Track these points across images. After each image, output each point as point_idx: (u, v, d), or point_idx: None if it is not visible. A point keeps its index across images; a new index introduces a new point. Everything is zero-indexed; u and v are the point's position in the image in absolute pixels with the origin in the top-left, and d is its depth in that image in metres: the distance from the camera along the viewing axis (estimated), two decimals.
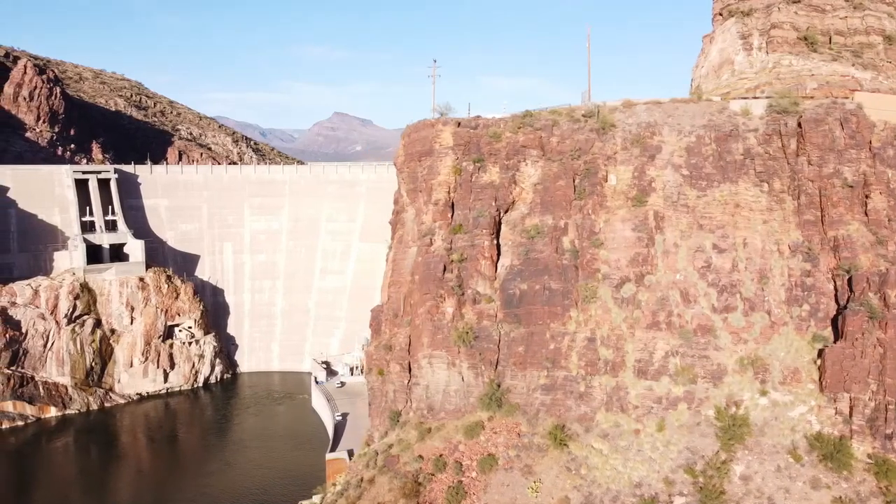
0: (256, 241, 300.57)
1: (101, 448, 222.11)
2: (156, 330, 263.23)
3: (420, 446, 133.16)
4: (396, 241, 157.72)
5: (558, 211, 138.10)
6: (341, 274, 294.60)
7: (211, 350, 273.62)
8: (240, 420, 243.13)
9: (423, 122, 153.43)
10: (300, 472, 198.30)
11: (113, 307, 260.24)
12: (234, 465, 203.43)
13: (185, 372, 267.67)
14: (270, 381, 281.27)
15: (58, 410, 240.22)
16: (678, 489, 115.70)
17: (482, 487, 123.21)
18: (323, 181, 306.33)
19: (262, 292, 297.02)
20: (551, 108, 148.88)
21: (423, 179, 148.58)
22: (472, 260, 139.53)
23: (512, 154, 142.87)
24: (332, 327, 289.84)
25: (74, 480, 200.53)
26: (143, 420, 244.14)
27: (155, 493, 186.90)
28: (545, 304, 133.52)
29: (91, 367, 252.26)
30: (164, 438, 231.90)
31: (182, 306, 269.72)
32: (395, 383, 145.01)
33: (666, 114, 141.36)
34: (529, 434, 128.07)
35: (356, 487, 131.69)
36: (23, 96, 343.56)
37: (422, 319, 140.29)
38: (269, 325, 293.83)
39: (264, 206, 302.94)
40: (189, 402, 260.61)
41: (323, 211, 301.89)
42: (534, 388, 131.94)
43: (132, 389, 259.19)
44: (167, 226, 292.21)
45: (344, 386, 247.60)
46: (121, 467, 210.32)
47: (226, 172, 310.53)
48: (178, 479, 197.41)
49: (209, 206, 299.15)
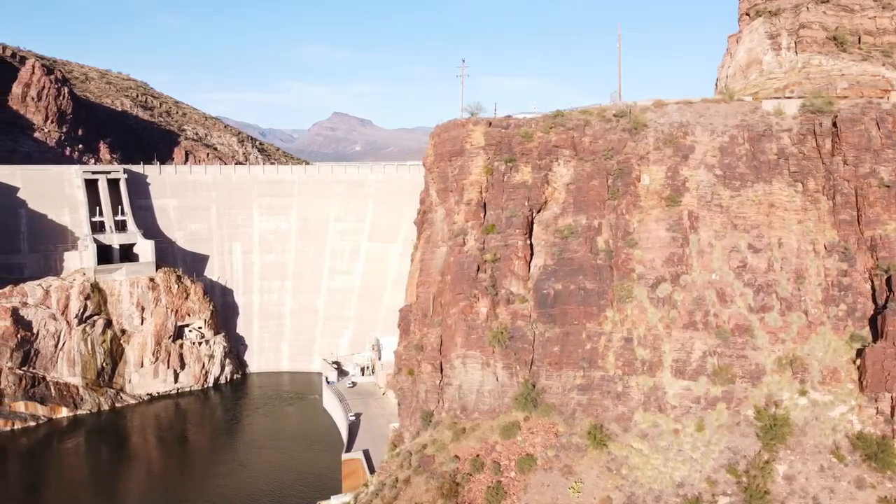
0: (265, 241, 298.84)
1: (114, 449, 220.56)
2: (166, 330, 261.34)
3: (455, 446, 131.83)
4: (424, 241, 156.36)
5: (592, 211, 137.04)
6: (350, 274, 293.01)
7: (221, 350, 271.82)
8: (251, 420, 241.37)
9: (453, 122, 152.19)
10: (314, 472, 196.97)
11: (123, 307, 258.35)
12: (248, 465, 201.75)
13: (195, 372, 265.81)
14: (280, 382, 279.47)
15: (69, 411, 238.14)
16: (721, 489, 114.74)
17: (522, 487, 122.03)
18: (331, 181, 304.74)
19: (272, 292, 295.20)
20: (582, 107, 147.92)
21: (453, 179, 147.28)
22: (506, 260, 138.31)
23: (544, 154, 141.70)
24: (341, 327, 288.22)
25: (87, 481, 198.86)
26: (155, 420, 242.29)
27: (170, 494, 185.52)
28: (580, 304, 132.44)
29: (102, 367, 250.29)
30: (177, 439, 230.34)
31: (192, 306, 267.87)
32: (427, 383, 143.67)
33: (698, 114, 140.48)
34: (567, 434, 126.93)
35: (391, 488, 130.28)
36: (31, 96, 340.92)
37: (455, 319, 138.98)
38: (279, 326, 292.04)
39: (273, 206, 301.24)
40: (199, 402, 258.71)
41: (331, 211, 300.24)
42: (569, 388, 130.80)
43: (143, 390, 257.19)
44: (176, 226, 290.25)
45: (355, 386, 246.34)
46: (134, 468, 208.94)
47: (234, 172, 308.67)
48: (192, 479, 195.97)
49: (218, 207, 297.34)
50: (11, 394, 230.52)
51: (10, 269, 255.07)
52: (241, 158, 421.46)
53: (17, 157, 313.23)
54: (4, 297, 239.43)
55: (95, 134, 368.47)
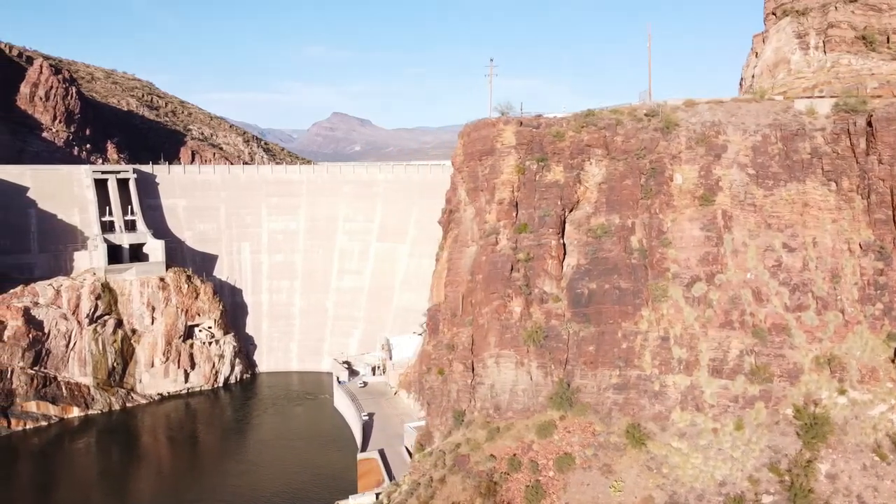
0: (274, 240, 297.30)
1: (126, 448, 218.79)
2: (176, 330, 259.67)
3: (490, 446, 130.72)
4: (452, 241, 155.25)
5: (625, 210, 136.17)
6: (359, 274, 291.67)
7: (231, 350, 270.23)
8: (262, 420, 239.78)
9: (483, 122, 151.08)
10: (328, 472, 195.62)
11: (134, 307, 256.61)
12: (261, 465, 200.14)
13: (205, 372, 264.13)
14: (289, 381, 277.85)
15: (80, 411, 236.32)
16: (764, 488, 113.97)
17: (561, 486, 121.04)
18: (340, 181, 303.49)
19: (280, 292, 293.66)
20: (612, 107, 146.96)
21: (484, 179, 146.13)
22: (539, 259, 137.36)
23: (576, 153, 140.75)
24: (350, 327, 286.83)
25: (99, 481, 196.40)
26: (166, 420, 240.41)
27: (184, 494, 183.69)
28: (615, 304, 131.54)
29: (113, 367, 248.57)
30: (189, 439, 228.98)
31: (202, 306, 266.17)
32: (458, 382, 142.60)
33: (729, 113, 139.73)
34: (605, 433, 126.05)
35: (427, 487, 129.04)
36: (39, 96, 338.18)
37: (487, 319, 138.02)
38: (288, 325, 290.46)
39: (281, 206, 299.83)
40: (210, 402, 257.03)
41: (340, 211, 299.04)
42: (605, 388, 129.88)
43: (153, 389, 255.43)
44: (185, 226, 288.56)
45: (366, 386, 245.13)
46: (146, 468, 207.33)
47: (243, 172, 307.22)
48: (206, 479, 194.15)
49: (227, 206, 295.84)
50: (23, 394, 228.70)
51: (21, 269, 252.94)
52: (247, 158, 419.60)
53: (26, 157, 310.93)
54: (16, 297, 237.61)
55: (102, 134, 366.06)
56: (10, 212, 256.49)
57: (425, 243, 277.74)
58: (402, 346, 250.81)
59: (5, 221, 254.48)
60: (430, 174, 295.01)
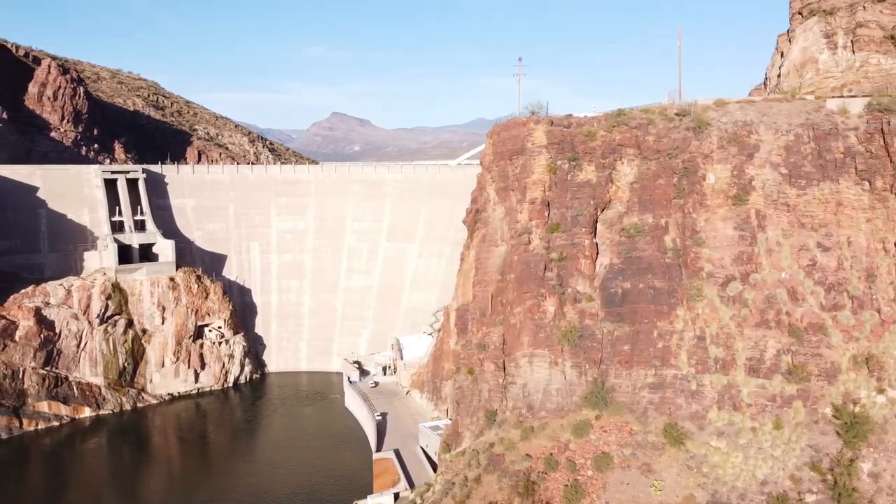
0: (283, 240, 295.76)
1: (138, 449, 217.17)
2: (186, 330, 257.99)
3: (525, 445, 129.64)
4: (479, 240, 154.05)
5: (658, 210, 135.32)
6: (368, 274, 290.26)
7: (240, 350, 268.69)
8: (273, 420, 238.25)
9: (513, 121, 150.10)
10: (342, 471, 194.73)
11: (144, 307, 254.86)
12: (274, 465, 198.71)
13: (215, 372, 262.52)
14: (299, 381, 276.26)
15: (92, 411, 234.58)
16: (806, 487, 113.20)
17: (600, 486, 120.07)
18: (348, 181, 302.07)
19: (289, 292, 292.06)
20: (642, 106, 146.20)
21: (514, 178, 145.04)
22: (572, 259, 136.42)
23: (608, 153, 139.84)
24: (359, 327, 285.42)
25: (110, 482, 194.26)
26: (177, 420, 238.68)
27: (198, 495, 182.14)
28: (650, 303, 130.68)
29: (123, 367, 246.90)
30: (201, 439, 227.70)
31: (212, 306, 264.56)
32: (490, 382, 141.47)
33: (760, 112, 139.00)
34: (642, 432, 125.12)
35: (462, 486, 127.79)
36: (47, 96, 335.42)
37: (520, 318, 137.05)
38: (297, 325, 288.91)
39: (290, 206, 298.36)
40: (220, 402, 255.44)
41: (348, 210, 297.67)
42: (640, 387, 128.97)
43: (164, 389, 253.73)
44: (194, 226, 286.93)
45: (377, 386, 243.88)
46: (158, 468, 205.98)
47: (251, 172, 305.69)
48: (220, 479, 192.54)
49: (235, 206, 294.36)
50: (35, 394, 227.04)
51: (31, 269, 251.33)
52: (252, 158, 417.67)
53: (35, 157, 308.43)
54: (27, 297, 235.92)
55: (110, 134, 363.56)
56: (20, 212, 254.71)
57: (435, 243, 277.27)
58: (413, 345, 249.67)
59: (15, 221, 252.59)
60: (439, 174, 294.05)
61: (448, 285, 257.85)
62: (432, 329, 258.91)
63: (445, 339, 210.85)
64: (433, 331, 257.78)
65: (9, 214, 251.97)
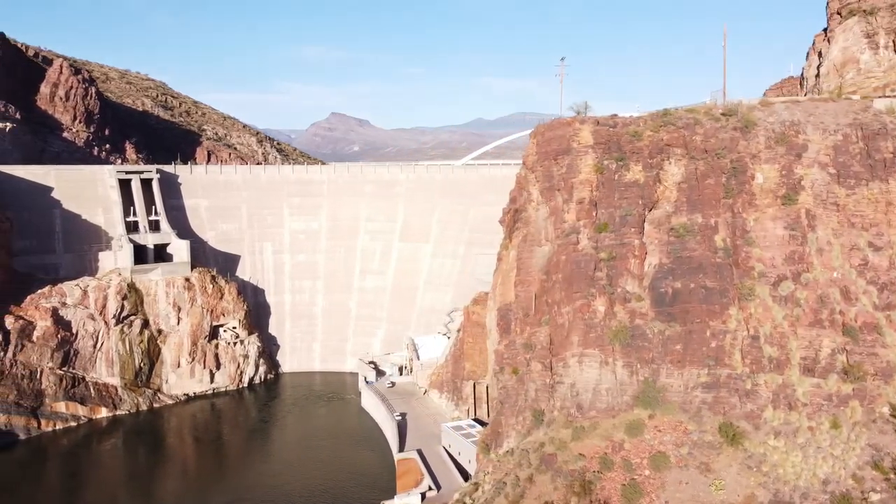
0: (296, 241, 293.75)
1: (156, 449, 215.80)
2: (202, 330, 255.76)
3: (577, 445, 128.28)
4: (521, 240, 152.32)
5: (707, 209, 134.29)
6: (382, 274, 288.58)
7: (255, 350, 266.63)
8: (290, 420, 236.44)
9: (558, 121, 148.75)
10: (363, 472, 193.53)
11: (160, 307, 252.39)
12: (294, 466, 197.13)
13: (230, 372, 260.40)
14: (313, 382, 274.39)
15: (108, 411, 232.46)
16: (869, 486, 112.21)
17: (658, 485, 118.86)
18: (361, 181, 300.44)
19: (303, 292, 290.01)
20: (687, 106, 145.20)
21: (560, 178, 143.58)
22: (621, 259, 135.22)
23: (655, 153, 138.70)
24: (373, 327, 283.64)
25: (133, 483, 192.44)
26: (195, 421, 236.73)
27: (221, 495, 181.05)
28: (702, 303, 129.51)
29: (140, 367, 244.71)
30: (219, 440, 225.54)
31: (226, 306, 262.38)
32: (537, 382, 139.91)
33: (807, 112, 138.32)
34: (697, 432, 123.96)
35: (514, 486, 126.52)
36: (59, 96, 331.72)
37: (569, 318, 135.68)
38: (310, 326, 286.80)
39: (303, 207, 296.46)
40: (235, 402, 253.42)
41: (361, 211, 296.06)
42: (693, 386, 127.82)
43: (179, 390, 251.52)
44: (208, 226, 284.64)
45: (394, 386, 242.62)
46: (177, 469, 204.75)
47: (264, 172, 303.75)
48: (241, 479, 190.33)
49: (248, 207, 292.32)
50: (52, 394, 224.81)
51: (46, 270, 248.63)
52: (260, 158, 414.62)
53: (47, 157, 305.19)
54: (44, 298, 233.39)
55: (120, 134, 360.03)
56: (35, 212, 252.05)
57: (449, 243, 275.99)
58: (428, 346, 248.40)
59: (30, 222, 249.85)
60: (453, 174, 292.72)
61: (463, 285, 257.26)
62: (447, 329, 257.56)
63: (466, 339, 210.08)
64: (448, 331, 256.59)
65: (24, 215, 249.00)
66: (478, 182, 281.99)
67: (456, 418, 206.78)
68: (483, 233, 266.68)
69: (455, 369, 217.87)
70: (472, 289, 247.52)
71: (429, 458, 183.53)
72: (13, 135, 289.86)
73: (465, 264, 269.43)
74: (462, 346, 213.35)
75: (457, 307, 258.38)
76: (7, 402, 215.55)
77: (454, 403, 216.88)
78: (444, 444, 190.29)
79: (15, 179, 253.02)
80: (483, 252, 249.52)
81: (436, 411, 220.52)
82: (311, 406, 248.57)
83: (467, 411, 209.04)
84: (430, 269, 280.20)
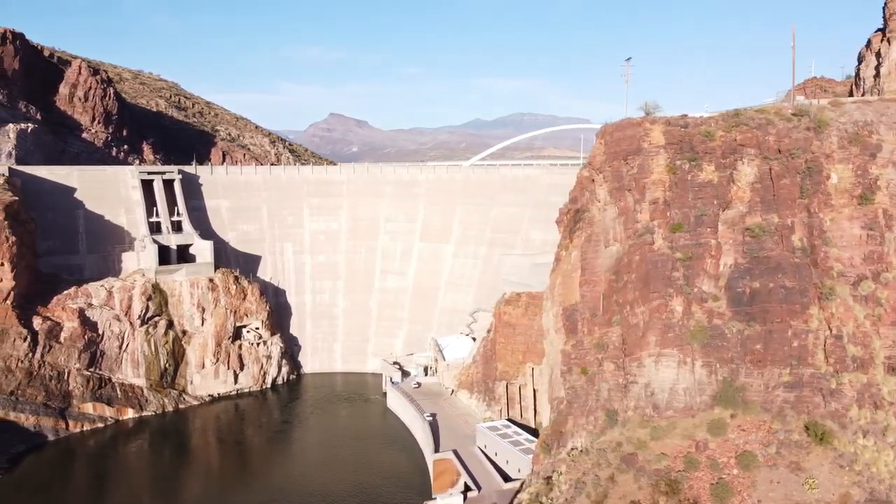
0: (316, 241, 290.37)
1: (182, 451, 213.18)
2: (226, 331, 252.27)
3: (658, 444, 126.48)
4: (584, 240, 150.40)
5: (783, 210, 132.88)
6: (402, 275, 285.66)
7: (278, 351, 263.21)
8: (316, 421, 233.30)
9: (627, 121, 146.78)
10: (397, 472, 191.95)
11: (184, 308, 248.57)
12: (326, 466, 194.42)
13: (253, 373, 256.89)
14: (334, 382, 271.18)
15: (135, 412, 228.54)
16: None
17: (749, 484, 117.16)
18: (380, 181, 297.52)
19: (323, 293, 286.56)
20: (756, 107, 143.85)
21: (630, 178, 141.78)
22: (698, 259, 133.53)
23: (728, 153, 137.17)
24: (394, 328, 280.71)
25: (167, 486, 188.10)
26: (219, 422, 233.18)
27: (258, 496, 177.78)
28: (782, 303, 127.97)
29: (165, 368, 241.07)
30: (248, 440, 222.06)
31: (249, 307, 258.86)
32: (610, 382, 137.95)
33: (879, 112, 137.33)
34: (782, 431, 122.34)
35: (596, 485, 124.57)
36: (78, 97, 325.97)
37: (644, 318, 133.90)
38: (331, 326, 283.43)
39: (323, 207, 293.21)
40: (260, 403, 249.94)
41: (381, 211, 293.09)
42: (774, 386, 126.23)
43: (204, 391, 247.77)
44: (229, 226, 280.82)
45: (420, 387, 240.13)
46: (209, 470, 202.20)
47: (284, 173, 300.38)
48: (274, 480, 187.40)
49: (269, 207, 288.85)
50: (80, 395, 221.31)
51: (70, 270, 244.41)
52: (273, 159, 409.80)
53: (67, 158, 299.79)
54: (70, 298, 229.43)
55: (137, 135, 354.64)
56: (59, 212, 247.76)
57: (470, 244, 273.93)
58: (452, 346, 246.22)
59: (54, 222, 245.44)
60: (473, 174, 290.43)
61: (485, 286, 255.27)
62: (470, 330, 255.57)
63: (497, 339, 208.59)
64: (471, 332, 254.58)
65: (48, 215, 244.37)
66: (499, 182, 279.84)
67: (488, 419, 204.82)
68: (505, 233, 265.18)
69: (486, 370, 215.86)
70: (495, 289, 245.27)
71: (465, 458, 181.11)
72: (35, 136, 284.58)
73: (486, 265, 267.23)
74: (493, 346, 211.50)
75: (480, 307, 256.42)
76: (36, 403, 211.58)
77: (485, 404, 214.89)
78: (479, 444, 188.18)
79: (38, 180, 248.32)
80: (506, 252, 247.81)
81: (465, 412, 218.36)
82: (336, 407, 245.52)
83: (499, 412, 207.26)
84: (451, 270, 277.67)
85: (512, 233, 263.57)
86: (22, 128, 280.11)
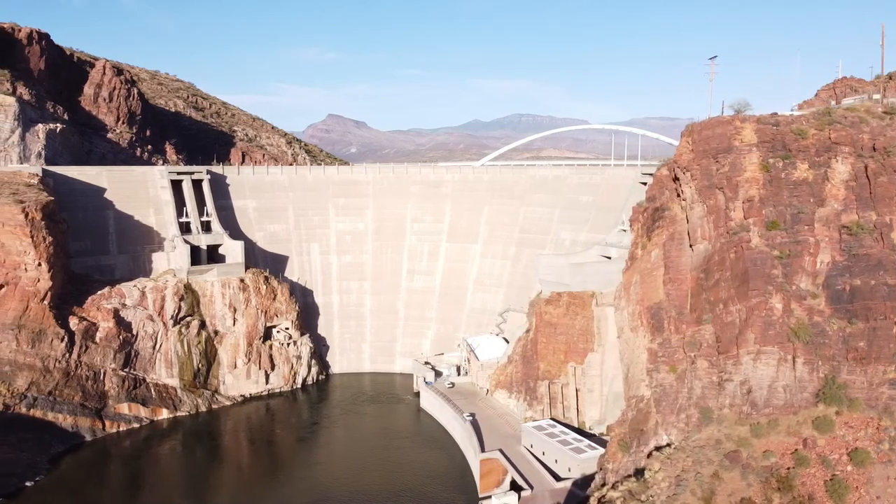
0: (342, 241, 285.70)
1: (217, 452, 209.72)
2: (256, 331, 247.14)
3: (761, 442, 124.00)
4: (666, 239, 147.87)
5: (882, 207, 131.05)
6: (430, 275, 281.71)
7: (307, 351, 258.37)
8: (350, 421, 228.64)
9: (715, 120, 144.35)
10: (440, 472, 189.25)
11: (216, 308, 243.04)
12: (370, 466, 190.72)
13: (284, 373, 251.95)
14: (363, 382, 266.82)
15: (169, 412, 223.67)
16: None
17: (864, 481, 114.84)
18: (406, 181, 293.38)
19: (350, 293, 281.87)
20: (846, 105, 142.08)
21: (721, 177, 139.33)
22: (796, 256, 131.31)
23: (822, 151, 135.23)
24: (422, 328, 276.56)
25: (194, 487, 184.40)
26: (251, 422, 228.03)
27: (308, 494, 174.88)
28: (885, 300, 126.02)
29: (198, 368, 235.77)
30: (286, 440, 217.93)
31: (279, 307, 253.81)
32: (703, 380, 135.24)
33: None
34: (892, 428, 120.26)
35: (700, 483, 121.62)
36: (102, 97, 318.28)
37: (741, 316, 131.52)
38: (359, 326, 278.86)
39: (349, 207, 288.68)
40: (290, 403, 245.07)
41: (408, 211, 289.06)
42: (879, 383, 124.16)
43: (236, 391, 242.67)
44: (256, 227, 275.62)
45: (454, 387, 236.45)
46: (253, 470, 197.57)
47: (309, 173, 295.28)
48: (322, 479, 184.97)
49: (294, 207, 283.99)
50: (115, 395, 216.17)
51: (102, 271, 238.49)
52: (290, 159, 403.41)
53: (93, 158, 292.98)
54: (104, 299, 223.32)
55: (160, 135, 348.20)
56: (89, 213, 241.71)
57: (498, 243, 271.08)
58: (484, 346, 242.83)
59: (85, 222, 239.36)
60: (500, 174, 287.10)
61: (514, 286, 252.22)
62: (500, 330, 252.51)
63: (539, 339, 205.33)
64: (501, 331, 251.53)
65: (79, 216, 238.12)
66: (527, 182, 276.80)
67: (529, 418, 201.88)
68: (535, 233, 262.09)
69: (526, 369, 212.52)
70: (525, 289, 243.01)
71: (512, 457, 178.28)
72: (63, 136, 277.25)
73: (515, 265, 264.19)
74: (534, 346, 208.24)
75: (509, 307, 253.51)
76: (73, 403, 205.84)
77: (526, 403, 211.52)
78: (525, 443, 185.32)
79: (69, 181, 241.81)
80: (536, 253, 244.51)
81: (504, 411, 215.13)
82: (367, 407, 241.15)
83: (542, 411, 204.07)
84: (479, 270, 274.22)
85: (541, 233, 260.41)
86: (51, 128, 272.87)
